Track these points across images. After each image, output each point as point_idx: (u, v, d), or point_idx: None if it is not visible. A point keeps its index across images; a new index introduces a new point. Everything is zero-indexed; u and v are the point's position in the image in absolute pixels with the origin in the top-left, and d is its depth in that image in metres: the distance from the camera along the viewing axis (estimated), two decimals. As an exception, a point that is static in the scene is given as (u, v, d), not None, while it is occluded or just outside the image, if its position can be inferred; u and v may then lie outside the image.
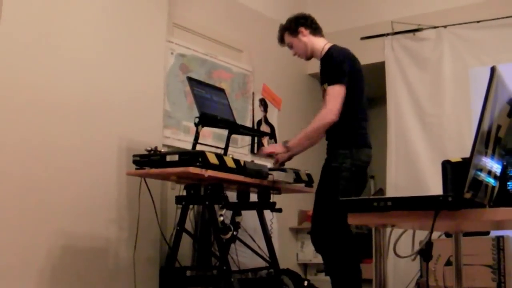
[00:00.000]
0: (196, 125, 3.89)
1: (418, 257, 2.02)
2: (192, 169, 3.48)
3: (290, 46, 4.23)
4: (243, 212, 4.28)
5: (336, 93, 3.80)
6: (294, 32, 4.15)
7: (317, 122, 3.83)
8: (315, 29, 4.15)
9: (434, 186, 5.29)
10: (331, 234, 3.73)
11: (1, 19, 3.48)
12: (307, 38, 4.12)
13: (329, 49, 4.02)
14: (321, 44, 4.10)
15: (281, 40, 4.26)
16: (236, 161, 3.80)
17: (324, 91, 3.94)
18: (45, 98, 3.68)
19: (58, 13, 3.81)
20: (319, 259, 5.81)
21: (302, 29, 4.12)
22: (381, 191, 6.51)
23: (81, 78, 3.91)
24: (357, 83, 3.91)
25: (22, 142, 3.52)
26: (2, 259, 3.35)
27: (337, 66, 3.87)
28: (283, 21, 4.27)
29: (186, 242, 4.39)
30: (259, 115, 5.72)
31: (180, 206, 4.02)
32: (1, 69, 3.45)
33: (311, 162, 4.71)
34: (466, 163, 1.80)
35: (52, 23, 3.77)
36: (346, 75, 3.84)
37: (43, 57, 3.70)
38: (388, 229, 2.16)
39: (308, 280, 4.84)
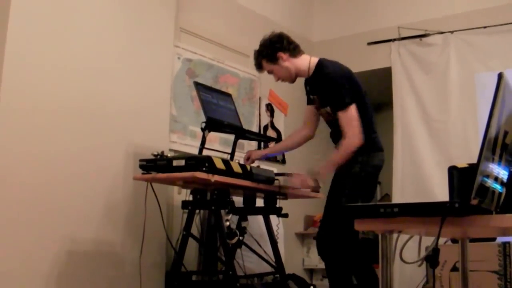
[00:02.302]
0: (203, 130, 3.90)
1: (424, 262, 2.02)
2: (199, 174, 3.48)
3: (271, 73, 4.04)
4: (249, 217, 4.28)
5: (351, 117, 3.69)
6: (273, 59, 3.93)
7: (344, 152, 3.69)
8: (294, 49, 3.93)
9: (440, 192, 5.29)
10: (339, 241, 3.71)
11: (8, 26, 3.49)
12: (288, 62, 3.92)
13: (321, 66, 3.87)
14: (305, 62, 3.94)
15: (259, 67, 4.04)
16: (243, 166, 3.80)
17: (327, 114, 3.90)
18: (52, 104, 3.69)
19: (66, 18, 3.83)
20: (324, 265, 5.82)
21: (280, 54, 3.90)
22: (388, 196, 6.51)
23: (88, 83, 3.92)
24: (359, 93, 3.82)
25: (29, 147, 3.53)
26: (9, 263, 3.36)
27: (341, 87, 3.73)
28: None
29: (192, 247, 4.39)
30: (265, 120, 5.72)
31: (186, 211, 4.02)
32: (9, 75, 3.46)
33: (318, 168, 4.70)
34: (472, 169, 1.80)
35: (60, 28, 3.78)
36: (351, 92, 3.74)
37: (50, 63, 3.71)
38: (395, 235, 2.16)
39: (314, 286, 4.86)
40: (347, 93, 3.73)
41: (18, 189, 3.45)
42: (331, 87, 3.77)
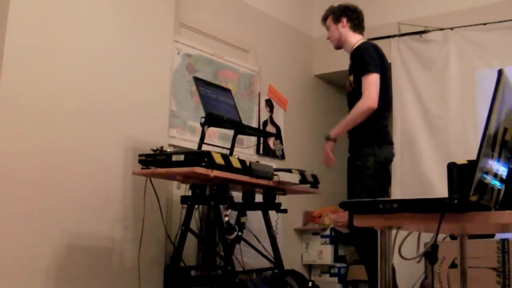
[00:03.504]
0: (202, 125, 3.90)
1: (423, 259, 2.02)
2: (198, 169, 3.48)
3: (328, 29, 4.31)
4: (248, 212, 4.28)
5: (370, 81, 3.86)
6: (336, 19, 4.23)
7: (356, 110, 3.87)
8: (356, 25, 4.22)
9: (439, 188, 5.29)
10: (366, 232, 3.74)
11: (8, 20, 3.48)
12: (344, 30, 4.21)
13: (361, 43, 4.11)
14: (354, 40, 4.17)
15: (324, 20, 4.33)
16: (242, 162, 3.80)
17: (349, 84, 3.99)
18: (52, 98, 3.68)
19: (65, 13, 3.82)
20: (323, 260, 5.84)
21: (344, 19, 4.20)
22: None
23: (88, 78, 3.92)
24: (383, 79, 3.95)
25: (27, 143, 3.53)
26: (8, 258, 3.36)
27: (367, 57, 3.94)
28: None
29: (191, 242, 4.40)
30: (265, 115, 5.72)
31: (185, 206, 4.02)
32: (8, 70, 3.46)
33: (317, 163, 4.71)
34: (472, 165, 1.80)
35: (59, 24, 3.78)
36: (377, 65, 3.92)
37: (49, 59, 3.70)
38: (394, 231, 2.16)
39: (313, 281, 4.85)
40: (374, 62, 3.93)
41: (17, 184, 3.45)
42: (358, 55, 4.01)
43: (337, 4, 4.31)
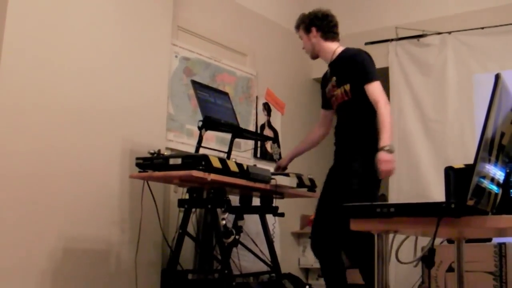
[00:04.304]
0: (200, 128, 3.89)
1: (420, 263, 2.02)
2: (195, 173, 3.48)
3: (301, 38, 4.23)
4: (245, 216, 4.28)
5: (380, 88, 3.81)
6: (306, 30, 4.13)
7: (386, 115, 3.72)
8: (327, 33, 4.09)
9: (436, 192, 5.29)
10: (339, 240, 3.70)
11: (6, 24, 3.48)
12: (316, 40, 4.09)
13: (347, 50, 4.03)
14: (331, 48, 4.08)
15: (297, 29, 4.25)
16: (239, 165, 3.80)
17: (343, 94, 3.93)
18: (49, 101, 3.68)
19: (62, 17, 3.82)
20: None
21: (313, 29, 4.09)
22: (384, 196, 6.50)
23: (85, 81, 3.92)
24: None
25: (26, 145, 3.53)
26: (4, 261, 3.35)
27: (368, 63, 3.89)
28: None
29: (188, 246, 4.39)
30: (262, 119, 5.72)
31: (182, 209, 4.01)
32: (6, 72, 3.46)
33: (314, 167, 4.70)
34: (469, 170, 1.80)
35: (56, 27, 3.78)
36: (377, 73, 3.88)
37: (47, 61, 3.70)
38: (391, 235, 2.16)
39: (310, 285, 4.85)
40: (375, 70, 3.89)
41: (13, 186, 3.44)
42: (357, 63, 3.91)
43: (313, 10, 4.18)
